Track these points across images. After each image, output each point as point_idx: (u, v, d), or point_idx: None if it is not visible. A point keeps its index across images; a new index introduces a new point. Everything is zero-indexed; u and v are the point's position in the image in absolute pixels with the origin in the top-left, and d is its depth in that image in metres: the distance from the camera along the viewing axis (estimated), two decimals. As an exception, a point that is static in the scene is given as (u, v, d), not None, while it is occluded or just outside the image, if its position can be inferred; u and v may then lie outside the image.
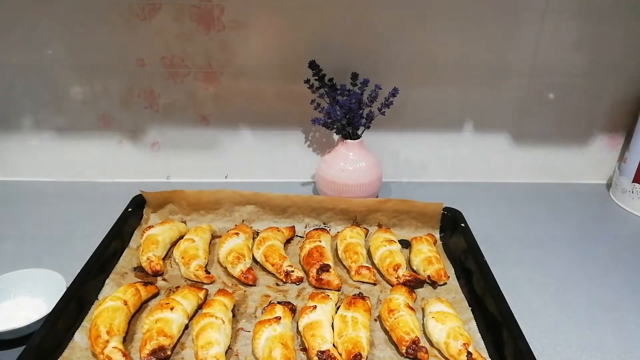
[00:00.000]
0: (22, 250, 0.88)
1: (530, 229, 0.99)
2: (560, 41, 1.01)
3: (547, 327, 0.73)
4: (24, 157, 1.09)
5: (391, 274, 0.79)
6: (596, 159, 1.16)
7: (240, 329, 0.70)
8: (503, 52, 1.02)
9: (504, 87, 1.06)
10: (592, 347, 0.70)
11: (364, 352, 0.63)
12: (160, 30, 0.97)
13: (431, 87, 1.05)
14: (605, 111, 1.10)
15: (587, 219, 1.04)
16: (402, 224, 0.92)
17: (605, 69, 1.04)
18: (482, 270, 0.75)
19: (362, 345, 0.63)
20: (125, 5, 0.95)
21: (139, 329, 0.68)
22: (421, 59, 1.02)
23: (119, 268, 0.79)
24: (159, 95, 1.04)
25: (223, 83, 1.04)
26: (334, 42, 1.00)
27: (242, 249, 0.81)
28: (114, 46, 0.98)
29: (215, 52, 1.00)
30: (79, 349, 0.64)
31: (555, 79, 1.06)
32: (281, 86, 1.04)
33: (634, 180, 1.04)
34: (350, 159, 0.97)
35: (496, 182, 1.17)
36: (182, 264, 0.80)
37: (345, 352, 0.63)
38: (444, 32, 0.99)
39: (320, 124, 0.97)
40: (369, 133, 1.00)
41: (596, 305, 0.78)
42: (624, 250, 0.93)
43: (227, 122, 1.08)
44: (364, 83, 0.96)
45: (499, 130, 1.12)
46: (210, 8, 0.96)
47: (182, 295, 0.71)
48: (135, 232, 0.88)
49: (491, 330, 0.68)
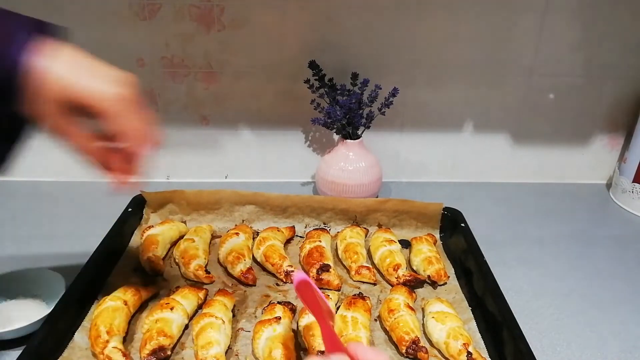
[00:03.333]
0: (22, 250, 0.87)
1: (530, 229, 0.99)
2: (560, 41, 1.01)
3: (547, 327, 0.73)
4: (24, 157, 1.09)
5: (391, 274, 0.79)
6: (596, 159, 1.16)
7: (240, 329, 0.70)
8: (503, 52, 1.02)
9: (504, 87, 1.06)
10: (592, 347, 0.70)
11: None
12: (160, 30, 0.97)
13: (431, 87, 1.05)
14: (605, 111, 1.10)
15: (587, 219, 1.04)
16: (402, 224, 0.92)
17: (605, 69, 1.04)
18: (482, 270, 0.75)
19: None
20: (125, 5, 0.95)
21: (139, 329, 0.68)
22: (421, 59, 1.02)
23: (119, 268, 0.79)
24: (159, 95, 1.04)
25: (223, 83, 1.04)
26: (334, 42, 1.00)
27: (242, 249, 0.81)
28: (114, 46, 0.98)
29: (215, 52, 1.00)
30: (79, 349, 0.64)
31: (555, 79, 1.06)
32: (281, 86, 1.04)
33: (634, 180, 1.04)
34: (350, 159, 0.97)
35: (496, 182, 1.17)
36: (182, 264, 0.80)
37: None
38: (444, 32, 0.99)
39: (320, 124, 0.97)
40: (369, 133, 1.00)
41: (596, 306, 0.78)
42: (624, 250, 0.93)
43: (227, 122, 1.08)
44: (364, 83, 0.96)
45: (499, 130, 1.12)
46: (210, 8, 0.96)
47: (182, 295, 0.71)
48: (135, 232, 0.88)
49: (491, 330, 0.68)
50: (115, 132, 0.51)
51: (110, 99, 0.47)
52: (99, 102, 0.47)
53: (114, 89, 0.48)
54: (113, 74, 0.49)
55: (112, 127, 0.50)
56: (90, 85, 0.47)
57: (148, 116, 0.52)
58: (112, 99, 0.48)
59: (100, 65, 0.49)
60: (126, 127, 0.50)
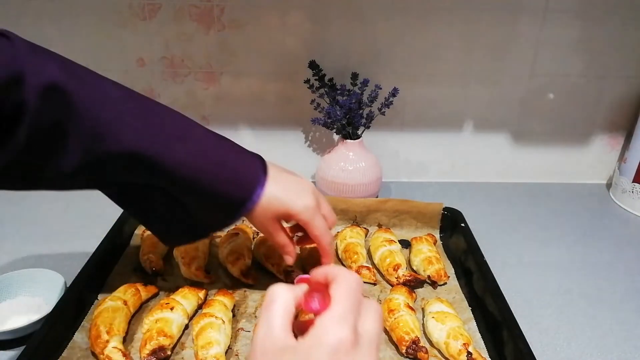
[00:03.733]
0: (22, 250, 0.88)
1: (530, 229, 0.99)
2: (560, 41, 1.01)
3: (547, 327, 0.73)
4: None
5: (391, 274, 0.79)
6: (596, 159, 1.16)
7: (240, 329, 0.70)
8: (503, 52, 1.02)
9: (504, 87, 1.06)
10: (592, 347, 0.70)
11: None
12: (160, 30, 0.97)
13: (431, 87, 1.05)
14: (605, 111, 1.10)
15: (587, 219, 1.04)
16: (402, 224, 0.92)
17: (605, 69, 1.04)
18: (482, 270, 0.75)
19: None
20: (125, 5, 0.95)
21: (139, 329, 0.68)
22: (421, 59, 1.02)
23: (119, 268, 0.80)
24: (159, 95, 1.04)
25: (223, 83, 1.04)
26: (334, 42, 1.00)
27: (242, 249, 0.81)
28: (114, 46, 0.98)
29: (215, 52, 1.00)
30: (79, 349, 0.64)
31: (555, 79, 1.06)
32: (281, 86, 1.04)
33: (634, 180, 1.04)
34: (350, 159, 0.97)
35: (496, 182, 1.17)
36: (182, 264, 0.79)
37: None
38: (444, 32, 1.00)
39: (320, 124, 0.97)
40: (369, 133, 1.00)
41: (596, 305, 0.78)
42: (624, 250, 0.93)
43: (227, 122, 1.08)
44: (364, 83, 0.96)
45: (499, 130, 1.12)
46: (210, 8, 0.96)
47: (182, 295, 0.71)
48: (135, 232, 0.88)
49: (491, 330, 0.68)
50: (308, 231, 0.63)
51: (307, 211, 0.61)
52: (300, 214, 0.61)
53: (309, 202, 0.61)
54: (305, 186, 0.63)
55: (308, 229, 0.63)
56: (295, 202, 0.60)
57: (330, 214, 0.66)
58: (309, 211, 0.61)
59: (292, 177, 0.64)
60: (315, 230, 0.62)
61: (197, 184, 0.57)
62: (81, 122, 0.51)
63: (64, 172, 0.53)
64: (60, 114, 0.49)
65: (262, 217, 0.61)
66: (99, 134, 0.52)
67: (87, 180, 0.58)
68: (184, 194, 0.59)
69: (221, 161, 0.59)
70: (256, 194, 0.59)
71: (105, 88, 0.55)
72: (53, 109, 0.49)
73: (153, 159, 0.54)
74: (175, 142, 0.56)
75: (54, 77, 0.48)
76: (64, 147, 0.51)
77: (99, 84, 0.54)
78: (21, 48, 0.48)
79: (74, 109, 0.50)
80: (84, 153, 0.52)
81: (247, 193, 0.59)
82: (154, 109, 0.58)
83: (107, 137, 0.52)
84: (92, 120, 0.51)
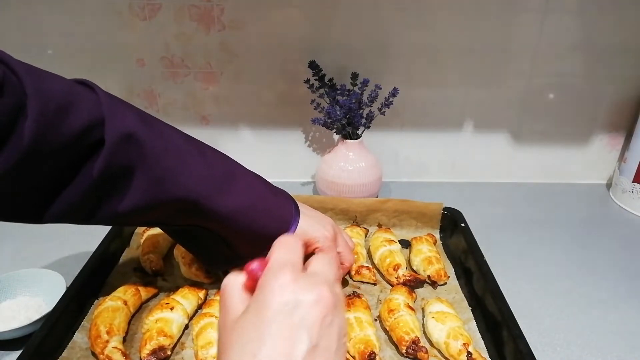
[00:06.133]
0: (22, 250, 0.88)
1: (530, 229, 0.99)
2: (560, 41, 1.01)
3: (547, 327, 0.73)
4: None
5: (391, 274, 0.79)
6: (596, 159, 1.16)
7: (240, 329, 0.69)
8: (503, 51, 1.02)
9: (504, 87, 1.06)
10: (592, 347, 0.70)
11: (376, 350, 0.62)
12: (160, 30, 0.97)
13: (431, 86, 1.05)
14: (605, 111, 1.10)
15: (587, 219, 1.04)
16: (402, 224, 0.92)
17: (605, 69, 1.04)
18: (482, 270, 0.75)
19: (373, 343, 0.63)
20: (125, 6, 0.95)
21: (139, 329, 0.68)
22: (421, 59, 1.02)
23: (119, 268, 0.79)
24: (159, 95, 1.04)
25: (223, 83, 1.04)
26: (334, 42, 1.00)
27: (242, 249, 0.81)
28: (114, 46, 0.98)
29: (215, 52, 1.00)
30: (79, 349, 0.64)
31: (555, 79, 1.06)
32: (281, 86, 1.04)
33: (634, 180, 1.04)
34: (350, 159, 0.97)
35: (496, 182, 1.17)
36: (182, 264, 0.79)
37: (358, 353, 0.62)
38: (444, 32, 1.00)
39: (320, 124, 0.97)
40: (369, 133, 1.00)
41: (596, 305, 0.78)
42: (623, 250, 0.93)
43: (227, 122, 1.08)
44: (364, 83, 0.96)
45: (499, 130, 1.12)
46: (210, 8, 0.96)
47: (182, 295, 0.71)
48: (135, 232, 0.88)
49: (491, 330, 0.68)
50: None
51: (326, 241, 0.67)
52: (321, 244, 0.67)
53: (328, 233, 0.68)
54: (324, 220, 0.70)
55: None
56: (317, 233, 0.67)
57: (345, 249, 0.71)
58: (328, 241, 0.67)
59: (316, 213, 0.71)
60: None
61: (246, 229, 0.63)
62: (148, 168, 0.55)
63: (118, 212, 0.56)
64: (132, 158, 0.54)
65: None
66: (160, 179, 0.56)
67: (138, 220, 0.62)
68: (232, 237, 0.65)
69: (267, 208, 0.65)
70: (292, 230, 0.68)
71: (171, 136, 0.59)
72: (127, 153, 0.53)
73: (207, 205, 0.59)
74: (227, 189, 0.61)
75: (132, 127, 0.54)
76: (127, 188, 0.55)
77: (165, 131, 0.59)
78: (103, 97, 0.53)
79: (144, 155, 0.54)
80: (143, 195, 0.56)
81: (285, 231, 0.67)
82: (207, 153, 0.63)
83: (167, 182, 0.56)
84: (157, 166, 0.56)
